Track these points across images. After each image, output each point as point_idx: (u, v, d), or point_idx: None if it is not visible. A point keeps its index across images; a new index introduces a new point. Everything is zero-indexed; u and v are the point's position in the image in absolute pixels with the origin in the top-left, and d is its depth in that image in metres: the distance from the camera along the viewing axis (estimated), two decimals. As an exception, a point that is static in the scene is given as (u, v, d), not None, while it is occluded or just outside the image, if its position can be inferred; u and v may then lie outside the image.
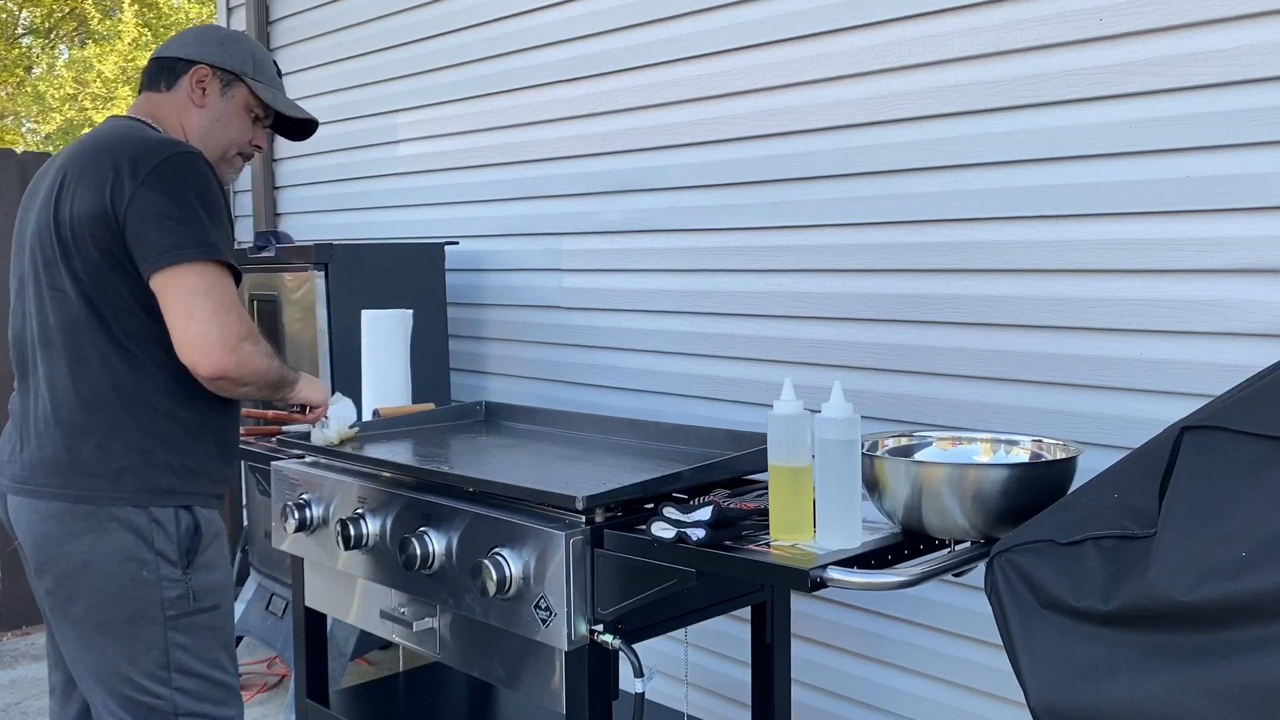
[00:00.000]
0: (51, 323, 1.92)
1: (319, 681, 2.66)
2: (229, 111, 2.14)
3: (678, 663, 2.83)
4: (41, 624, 4.53)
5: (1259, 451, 1.31)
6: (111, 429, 1.89)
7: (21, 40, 19.46)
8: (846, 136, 2.59)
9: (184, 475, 1.95)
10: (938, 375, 2.47)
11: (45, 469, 1.91)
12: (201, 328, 1.82)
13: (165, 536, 1.91)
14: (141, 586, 1.89)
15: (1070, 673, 1.38)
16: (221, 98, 2.13)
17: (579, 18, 3.19)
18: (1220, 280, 2.06)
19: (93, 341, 1.90)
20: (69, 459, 1.89)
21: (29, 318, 1.98)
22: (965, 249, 2.40)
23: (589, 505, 1.89)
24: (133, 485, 1.90)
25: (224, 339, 1.83)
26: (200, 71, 2.10)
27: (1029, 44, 2.27)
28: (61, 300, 1.91)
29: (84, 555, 1.88)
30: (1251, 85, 1.99)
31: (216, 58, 2.12)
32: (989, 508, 1.65)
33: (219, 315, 1.83)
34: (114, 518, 1.88)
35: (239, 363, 1.85)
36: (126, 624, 1.89)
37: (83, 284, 1.89)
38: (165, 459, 1.93)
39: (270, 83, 2.20)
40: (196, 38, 2.16)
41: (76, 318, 1.90)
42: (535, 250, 3.41)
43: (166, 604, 1.91)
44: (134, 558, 1.89)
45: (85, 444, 1.89)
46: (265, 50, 2.26)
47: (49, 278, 1.92)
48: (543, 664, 1.97)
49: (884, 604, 2.60)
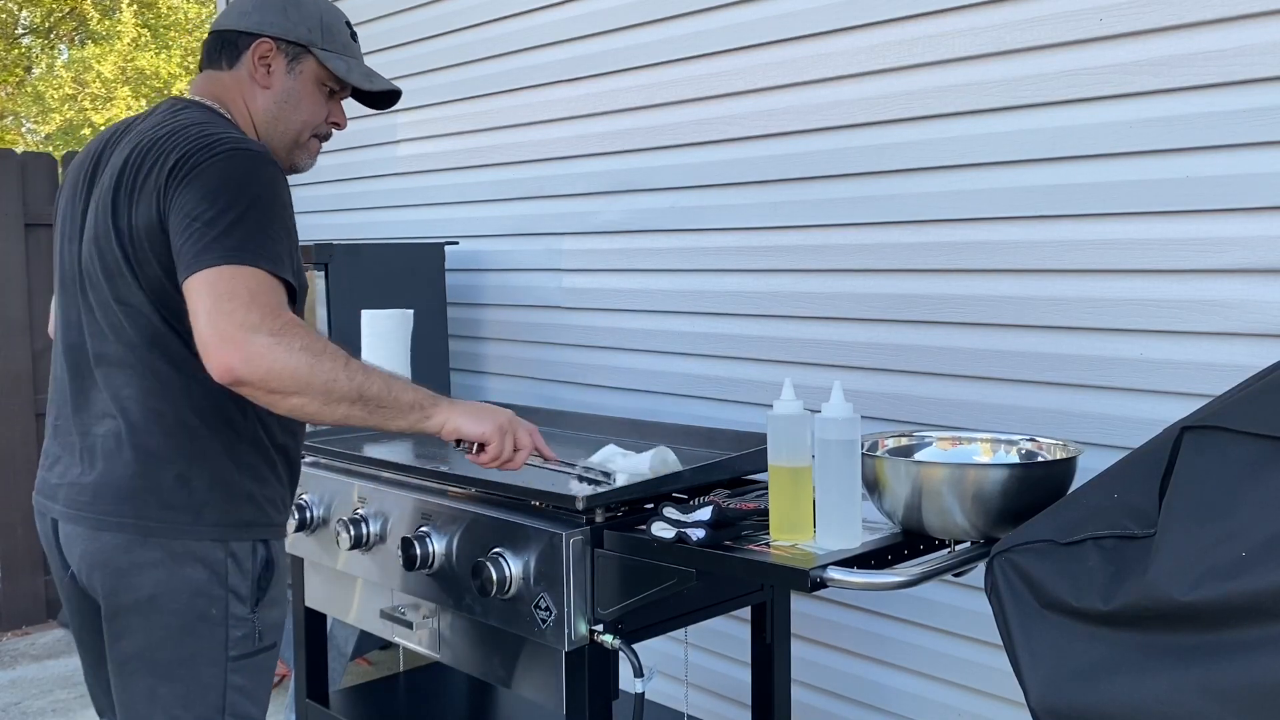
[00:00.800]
0: (121, 337, 1.70)
1: (319, 681, 2.66)
2: (298, 89, 1.88)
3: (678, 663, 2.83)
4: (42, 624, 4.53)
5: (1259, 451, 1.31)
6: (194, 457, 1.69)
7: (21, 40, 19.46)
8: (846, 136, 2.59)
9: (263, 506, 1.76)
10: (938, 375, 2.47)
11: (113, 496, 1.68)
12: (199, 324, 1.53)
13: (240, 572, 1.72)
14: (207, 625, 1.69)
15: (1070, 673, 1.38)
16: (288, 74, 1.87)
17: (579, 18, 3.19)
18: (1220, 280, 2.06)
19: (170, 359, 1.68)
20: (143, 486, 1.68)
21: (88, 327, 1.74)
22: (965, 249, 2.40)
23: (589, 505, 1.89)
24: (213, 519, 1.69)
25: (222, 334, 1.50)
26: (262, 46, 1.84)
27: (1029, 44, 2.26)
28: (132, 314, 1.69)
29: (150, 589, 1.67)
30: (1251, 85, 1.99)
31: (280, 28, 1.85)
32: (989, 508, 1.65)
33: (219, 308, 1.51)
34: (189, 550, 1.68)
35: (247, 360, 1.50)
36: (185, 664, 1.69)
37: (153, 299, 1.67)
38: (248, 490, 1.73)
39: (343, 50, 1.93)
40: (257, 4, 1.87)
41: (152, 333, 1.68)
42: (535, 250, 3.41)
43: (231, 644, 1.72)
44: (204, 594, 1.69)
45: (164, 472, 1.68)
46: (337, 11, 1.95)
47: (114, 290, 1.70)
48: (543, 664, 1.97)
49: (884, 604, 2.60)
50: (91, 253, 1.73)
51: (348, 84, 1.93)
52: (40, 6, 18.91)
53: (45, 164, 4.62)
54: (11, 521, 4.51)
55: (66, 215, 1.83)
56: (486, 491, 2.09)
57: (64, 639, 4.35)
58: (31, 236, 4.49)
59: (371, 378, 1.65)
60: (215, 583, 1.70)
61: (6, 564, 4.50)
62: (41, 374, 4.53)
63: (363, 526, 2.23)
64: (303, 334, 1.56)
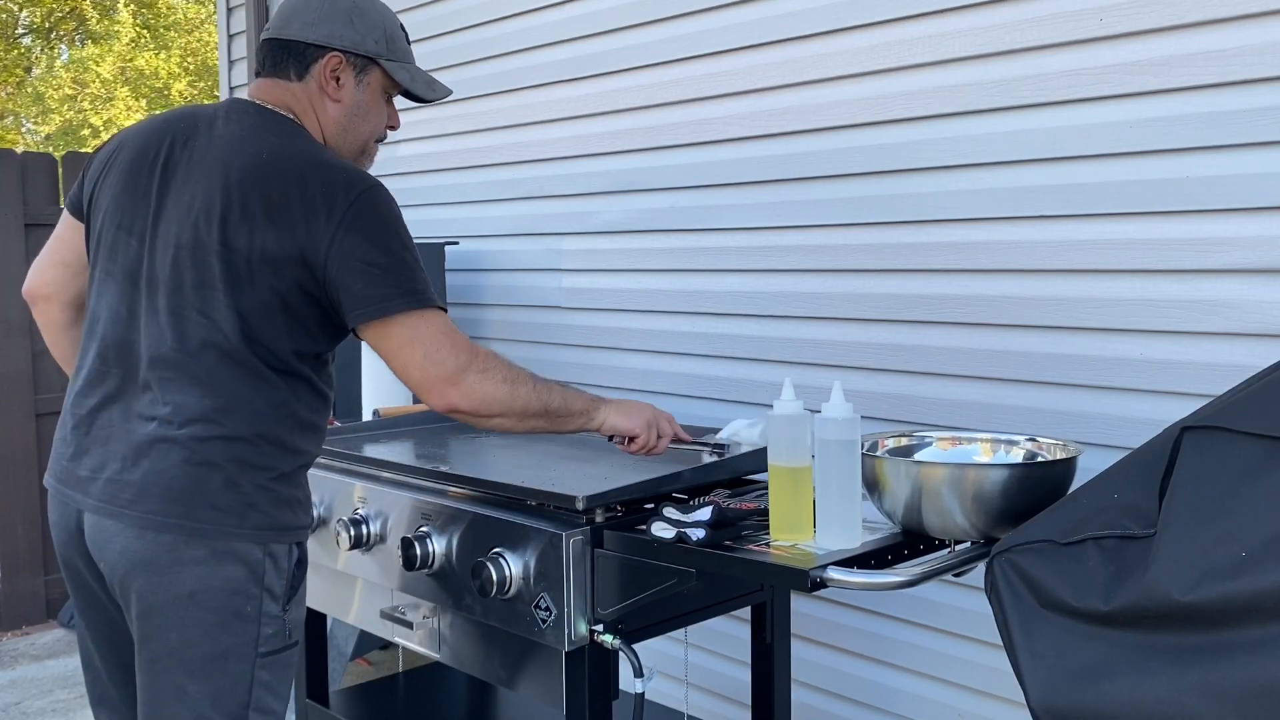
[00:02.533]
0: (189, 346, 1.74)
1: (319, 681, 2.66)
2: (365, 101, 1.93)
3: (678, 663, 2.83)
4: (42, 624, 4.53)
5: (1259, 451, 1.31)
6: (243, 464, 1.75)
7: (21, 40, 19.47)
8: (846, 136, 2.59)
9: (299, 510, 1.84)
10: (938, 375, 2.47)
11: (161, 496, 1.72)
12: (418, 375, 1.78)
13: (276, 572, 1.78)
14: (242, 622, 1.75)
15: (1070, 673, 1.38)
16: (357, 87, 1.91)
17: (579, 18, 3.19)
18: (1220, 280, 2.06)
19: (237, 375, 1.75)
20: (192, 488, 1.72)
21: (147, 328, 1.78)
22: (965, 249, 2.40)
23: (589, 505, 1.89)
24: (257, 521, 1.76)
25: (441, 377, 1.77)
26: (333, 61, 1.88)
27: (1029, 44, 2.27)
28: (211, 328, 1.74)
29: (190, 586, 1.72)
30: (1251, 85, 1.99)
31: (349, 40, 1.88)
32: (989, 508, 1.65)
33: (431, 356, 1.77)
34: (231, 550, 1.73)
35: (464, 395, 1.79)
36: (217, 661, 1.74)
37: (243, 318, 1.74)
38: (288, 495, 1.81)
39: (404, 58, 1.97)
40: (323, 14, 1.88)
41: (227, 349, 1.74)
42: (535, 250, 3.41)
43: (262, 641, 1.77)
44: (241, 592, 1.74)
45: (214, 476, 1.73)
46: (395, 17, 1.98)
47: (201, 301, 1.74)
48: (543, 664, 1.97)
49: (884, 604, 2.60)
50: (182, 260, 1.75)
51: (410, 91, 1.98)
52: (40, 6, 18.92)
53: (45, 164, 4.62)
54: (12, 521, 4.50)
55: (124, 208, 1.83)
56: (486, 491, 2.09)
57: (64, 639, 4.35)
58: (31, 236, 4.48)
59: (553, 393, 1.93)
60: (252, 581, 1.75)
61: (6, 564, 4.50)
62: (41, 374, 4.52)
63: (363, 526, 2.23)
64: (499, 365, 1.86)
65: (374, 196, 1.78)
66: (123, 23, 18.47)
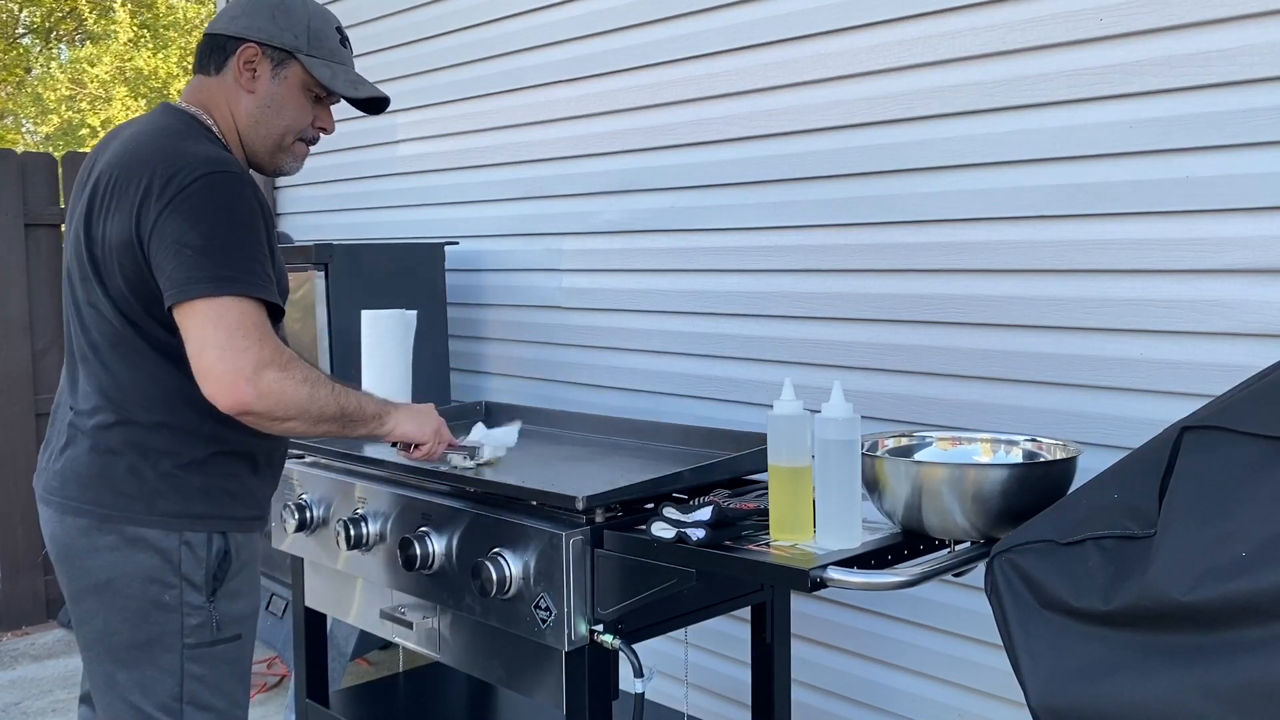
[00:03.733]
0: (91, 337, 1.80)
1: (319, 681, 2.66)
2: (282, 94, 1.91)
3: (678, 663, 2.83)
4: (42, 624, 4.54)
5: (1259, 451, 1.31)
6: (144, 450, 1.77)
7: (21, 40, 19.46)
8: (846, 136, 2.59)
9: (222, 499, 1.82)
10: (938, 375, 2.47)
11: (77, 482, 1.79)
12: (210, 358, 1.65)
13: (194, 561, 1.78)
14: (162, 611, 1.76)
15: (1070, 673, 1.38)
16: (273, 80, 1.90)
17: (579, 18, 3.19)
18: (1220, 280, 2.06)
19: (127, 360, 1.77)
20: (100, 474, 1.77)
21: (73, 323, 1.86)
22: (965, 249, 2.40)
23: (589, 505, 1.89)
24: (165, 508, 1.77)
25: (237, 368, 1.64)
26: (248, 51, 1.88)
27: (1029, 44, 2.27)
28: (97, 317, 1.79)
29: (105, 573, 1.76)
30: (1251, 85, 1.99)
31: (265, 33, 1.89)
32: (989, 508, 1.65)
33: (231, 343, 1.65)
34: (141, 538, 1.76)
35: (260, 394, 1.65)
36: (141, 649, 1.77)
37: (119, 305, 1.76)
38: (202, 483, 1.80)
39: (330, 57, 1.95)
40: (246, 8, 1.91)
41: (117, 335, 1.78)
42: (535, 250, 3.41)
43: (186, 631, 1.78)
44: (157, 580, 1.76)
45: (118, 463, 1.77)
46: (328, 16, 1.98)
47: (86, 293, 1.80)
48: (543, 664, 1.97)
49: (884, 604, 2.60)
50: (71, 255, 1.85)
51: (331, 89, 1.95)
52: (40, 6, 18.91)
53: (45, 164, 4.62)
54: (12, 521, 4.50)
55: (68, 215, 1.92)
56: (486, 491, 2.09)
57: (64, 639, 4.35)
58: (31, 236, 4.48)
59: (349, 396, 1.85)
60: (169, 570, 1.77)
61: (6, 564, 4.50)
62: (41, 374, 4.52)
63: (363, 526, 2.23)
64: (301, 366, 1.74)
65: (215, 181, 1.71)
66: (119, 22, 18.45)
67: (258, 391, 1.66)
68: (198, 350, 1.67)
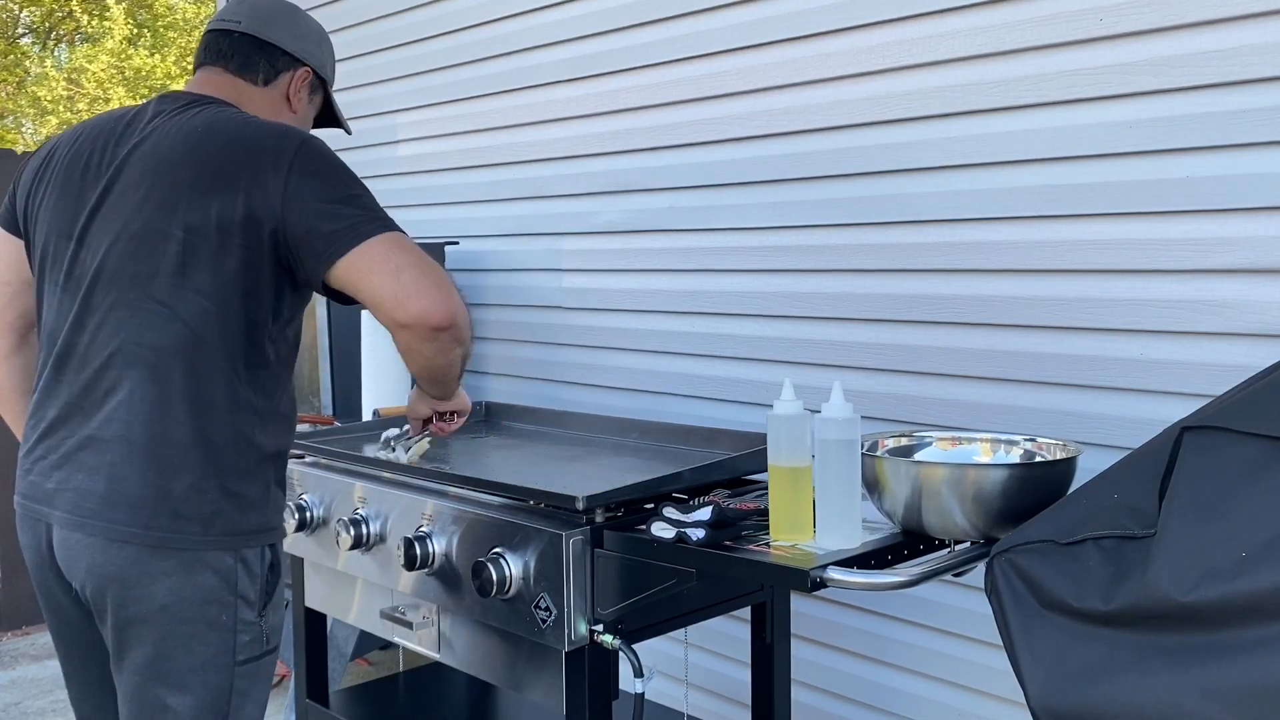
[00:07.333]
0: (144, 341, 1.68)
1: (319, 681, 2.66)
2: (308, 118, 2.03)
3: (678, 663, 2.83)
4: (42, 624, 4.53)
5: (1259, 451, 1.31)
6: (207, 467, 1.68)
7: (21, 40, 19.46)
8: (846, 136, 2.59)
9: (268, 512, 1.77)
10: (938, 375, 2.47)
11: (125, 505, 1.66)
12: (411, 275, 1.63)
13: (249, 577, 1.73)
14: (217, 632, 1.70)
15: (1070, 673, 1.38)
16: (309, 104, 2.01)
17: (579, 18, 3.19)
18: (1220, 280, 2.06)
19: (197, 368, 1.68)
20: (156, 496, 1.66)
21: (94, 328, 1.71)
22: (965, 249, 2.40)
23: (589, 505, 1.89)
24: (223, 528, 1.69)
25: (440, 282, 1.65)
26: (308, 76, 1.97)
27: (1029, 44, 2.27)
28: (165, 318, 1.67)
29: (162, 599, 1.66)
30: (1251, 85, 1.99)
31: (316, 59, 1.98)
32: (989, 508, 1.65)
33: (424, 263, 1.66)
34: (201, 560, 1.68)
35: (460, 307, 1.66)
36: (195, 672, 1.70)
37: (203, 302, 1.67)
38: (256, 497, 1.74)
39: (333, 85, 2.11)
40: (298, 32, 1.96)
41: (181, 340, 1.67)
42: (535, 250, 3.41)
43: (239, 649, 1.72)
44: (215, 600, 1.69)
45: (177, 482, 1.66)
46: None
47: (152, 291, 1.68)
48: (543, 664, 1.97)
49: (884, 604, 2.60)
50: (126, 252, 1.70)
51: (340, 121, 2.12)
52: (40, 6, 18.92)
53: (45, 164, 4.62)
54: (11, 522, 4.50)
55: (64, 215, 1.78)
56: (487, 491, 2.09)
57: (64, 639, 4.35)
58: (31, 236, 4.48)
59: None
60: (225, 589, 1.70)
61: (6, 564, 4.50)
62: (41, 374, 4.52)
63: (363, 526, 2.23)
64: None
65: (313, 143, 1.76)
66: (114, 20, 18.44)
67: (457, 305, 1.67)
68: (393, 274, 1.64)
